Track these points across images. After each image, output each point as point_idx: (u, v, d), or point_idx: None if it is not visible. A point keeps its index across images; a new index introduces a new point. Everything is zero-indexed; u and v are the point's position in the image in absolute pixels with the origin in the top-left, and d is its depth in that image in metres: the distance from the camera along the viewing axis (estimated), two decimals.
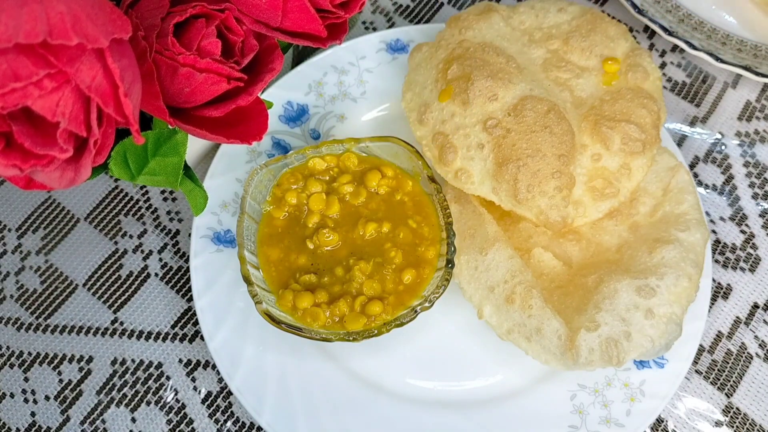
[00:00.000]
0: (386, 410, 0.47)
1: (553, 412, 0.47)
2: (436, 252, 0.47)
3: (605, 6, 0.65)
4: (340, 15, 0.38)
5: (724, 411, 0.50)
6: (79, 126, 0.28)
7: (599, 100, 0.50)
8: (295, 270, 0.47)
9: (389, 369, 0.49)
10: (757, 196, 0.57)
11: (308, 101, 0.56)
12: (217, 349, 0.48)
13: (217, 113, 0.37)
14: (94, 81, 0.28)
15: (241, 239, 0.46)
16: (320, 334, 0.44)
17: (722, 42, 0.59)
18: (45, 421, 0.50)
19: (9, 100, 0.26)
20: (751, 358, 0.51)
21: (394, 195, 0.49)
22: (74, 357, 0.52)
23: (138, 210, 0.57)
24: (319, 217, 0.48)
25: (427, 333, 0.50)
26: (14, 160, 0.28)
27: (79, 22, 0.27)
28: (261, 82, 0.37)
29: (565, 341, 0.44)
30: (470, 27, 0.52)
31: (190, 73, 0.34)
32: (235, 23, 0.37)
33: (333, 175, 0.50)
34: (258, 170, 0.48)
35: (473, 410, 0.47)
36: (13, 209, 0.57)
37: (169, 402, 0.50)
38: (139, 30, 0.34)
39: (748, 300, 0.53)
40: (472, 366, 0.49)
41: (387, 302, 0.45)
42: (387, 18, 0.65)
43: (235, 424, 0.50)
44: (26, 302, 0.54)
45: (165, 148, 0.40)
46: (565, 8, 0.54)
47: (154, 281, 0.54)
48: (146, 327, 0.53)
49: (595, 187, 0.48)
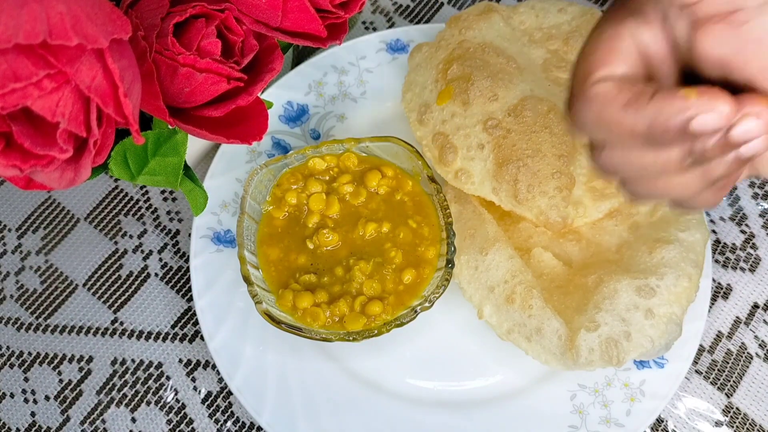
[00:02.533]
0: (386, 410, 0.47)
1: (553, 412, 0.47)
2: (436, 252, 0.47)
3: (605, 6, 0.65)
4: (340, 15, 0.38)
5: (724, 411, 0.50)
6: (78, 126, 0.28)
7: None
8: (295, 270, 0.47)
9: (389, 369, 0.49)
10: (757, 196, 0.57)
11: (308, 101, 0.56)
12: (217, 349, 0.48)
13: (217, 113, 0.37)
14: (93, 81, 0.28)
15: (241, 239, 0.46)
16: (320, 334, 0.44)
17: None
18: (45, 421, 0.50)
19: (9, 100, 0.26)
20: (751, 358, 0.51)
21: (394, 195, 0.49)
22: (74, 357, 0.52)
23: (138, 210, 0.57)
24: (319, 217, 0.48)
25: (427, 333, 0.50)
26: (14, 160, 0.28)
27: (79, 22, 0.27)
28: (261, 82, 0.37)
29: (565, 341, 0.44)
30: (470, 27, 0.52)
31: (190, 73, 0.34)
32: (235, 23, 0.37)
33: (333, 175, 0.50)
34: (258, 170, 0.49)
35: (473, 410, 0.47)
36: (13, 209, 0.57)
37: (169, 402, 0.50)
38: (139, 30, 0.34)
39: (748, 300, 0.53)
40: (472, 366, 0.49)
41: (387, 302, 0.45)
42: (387, 18, 0.65)
43: (235, 424, 0.50)
44: (26, 302, 0.54)
45: (165, 148, 0.40)
46: (565, 9, 0.54)
47: (154, 281, 0.54)
48: (146, 327, 0.53)
49: (595, 187, 0.48)
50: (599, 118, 0.27)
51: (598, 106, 0.27)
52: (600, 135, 0.29)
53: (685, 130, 0.25)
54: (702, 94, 0.25)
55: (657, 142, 0.27)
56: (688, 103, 0.25)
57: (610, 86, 0.27)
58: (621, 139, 0.27)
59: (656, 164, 0.28)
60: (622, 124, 0.27)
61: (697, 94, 0.25)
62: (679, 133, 0.25)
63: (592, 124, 0.28)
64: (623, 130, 0.27)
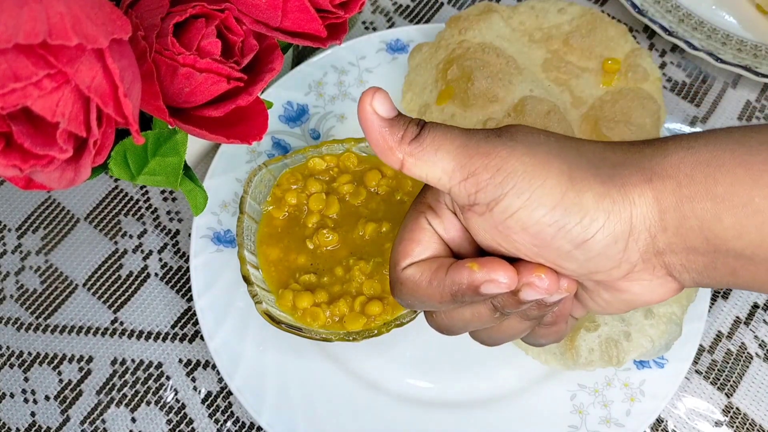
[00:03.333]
0: (386, 410, 0.47)
1: (553, 412, 0.47)
2: None
3: (605, 6, 0.65)
4: (340, 15, 0.38)
5: (724, 411, 0.50)
6: (78, 126, 0.28)
7: (599, 100, 0.50)
8: (295, 270, 0.47)
9: (389, 369, 0.49)
10: None
11: (308, 101, 0.56)
12: (217, 349, 0.48)
13: (217, 113, 0.37)
14: (93, 81, 0.28)
15: (241, 239, 0.46)
16: (320, 334, 0.44)
17: (722, 42, 0.59)
18: (45, 421, 0.50)
19: (9, 100, 0.26)
20: (751, 358, 0.51)
21: (394, 195, 0.49)
22: (74, 357, 0.52)
23: (138, 210, 0.57)
24: (319, 217, 0.48)
25: (427, 333, 0.49)
26: (14, 160, 0.28)
27: (79, 22, 0.27)
28: (261, 82, 0.37)
29: (565, 341, 0.44)
30: (470, 27, 0.52)
31: (190, 73, 0.34)
32: (235, 23, 0.37)
33: (333, 175, 0.50)
34: (258, 170, 0.49)
35: (473, 410, 0.47)
36: (13, 209, 0.57)
37: (169, 402, 0.51)
38: (139, 30, 0.34)
39: (748, 300, 0.53)
40: (472, 366, 0.49)
41: (387, 302, 0.45)
42: (387, 18, 0.65)
43: (235, 424, 0.50)
44: (26, 302, 0.54)
45: (165, 148, 0.40)
46: (565, 9, 0.54)
47: (154, 281, 0.54)
48: (146, 327, 0.53)
49: None
50: (413, 295, 0.33)
51: (409, 286, 0.33)
52: (421, 307, 0.34)
53: (478, 293, 0.30)
54: (482, 266, 0.30)
55: (464, 303, 0.32)
56: (473, 273, 0.30)
57: (414, 270, 0.33)
58: (436, 306, 0.33)
59: (475, 318, 0.33)
60: (431, 296, 0.32)
61: (478, 266, 0.30)
62: (474, 295, 0.31)
63: (411, 301, 0.33)
64: (434, 299, 0.32)
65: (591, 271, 0.30)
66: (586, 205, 0.29)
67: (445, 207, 0.33)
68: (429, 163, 0.30)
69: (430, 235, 0.33)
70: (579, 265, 0.30)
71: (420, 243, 0.33)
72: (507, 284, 0.30)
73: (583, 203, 0.29)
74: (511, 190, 0.29)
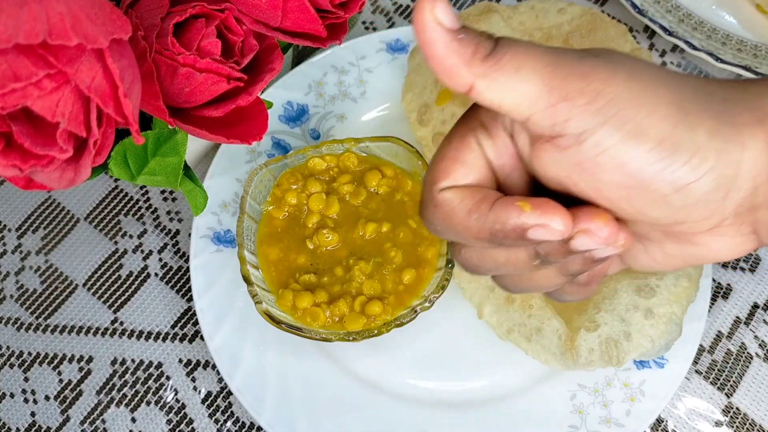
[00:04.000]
0: (386, 410, 0.47)
1: (553, 412, 0.47)
2: (436, 252, 0.47)
3: (605, 6, 0.65)
4: (340, 15, 0.38)
5: (724, 411, 0.50)
6: (78, 126, 0.28)
7: None
8: (295, 270, 0.47)
9: (389, 369, 0.49)
10: None
11: (308, 101, 0.56)
12: (217, 349, 0.48)
13: (217, 113, 0.37)
14: (93, 81, 0.28)
15: (241, 239, 0.46)
16: (320, 334, 0.44)
17: (722, 42, 0.59)
18: (45, 421, 0.50)
19: (9, 100, 0.26)
20: (751, 358, 0.51)
21: (394, 195, 0.49)
22: (74, 357, 0.52)
23: (138, 210, 0.57)
24: (319, 217, 0.48)
25: (427, 333, 0.50)
26: (14, 160, 0.28)
27: (79, 22, 0.27)
28: (261, 82, 0.37)
29: (565, 341, 0.44)
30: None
31: (190, 73, 0.34)
32: (235, 23, 0.37)
33: (333, 175, 0.50)
34: (258, 170, 0.49)
35: (473, 410, 0.47)
36: (13, 209, 0.57)
37: (169, 402, 0.51)
38: (139, 30, 0.34)
39: (748, 300, 0.53)
40: (472, 366, 0.49)
41: (387, 302, 0.45)
42: (387, 18, 0.65)
43: (235, 424, 0.50)
44: (26, 302, 0.54)
45: (165, 148, 0.40)
46: (565, 9, 0.54)
47: (154, 281, 0.54)
48: (146, 327, 0.53)
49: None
50: (446, 223, 0.29)
51: (444, 212, 0.29)
52: (451, 237, 0.30)
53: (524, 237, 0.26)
54: (536, 208, 0.26)
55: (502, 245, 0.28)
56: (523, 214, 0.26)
57: (453, 194, 0.28)
58: (469, 241, 0.29)
59: (509, 262, 0.29)
60: (468, 229, 0.28)
61: (530, 207, 0.26)
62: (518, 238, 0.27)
63: (442, 228, 0.29)
64: (469, 234, 0.28)
65: (678, 220, 0.26)
66: (698, 141, 0.24)
67: (501, 128, 0.28)
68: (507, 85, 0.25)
69: (478, 157, 0.29)
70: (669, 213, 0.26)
71: (465, 164, 0.29)
72: (561, 231, 0.26)
73: (695, 139, 0.24)
74: (612, 119, 0.24)
